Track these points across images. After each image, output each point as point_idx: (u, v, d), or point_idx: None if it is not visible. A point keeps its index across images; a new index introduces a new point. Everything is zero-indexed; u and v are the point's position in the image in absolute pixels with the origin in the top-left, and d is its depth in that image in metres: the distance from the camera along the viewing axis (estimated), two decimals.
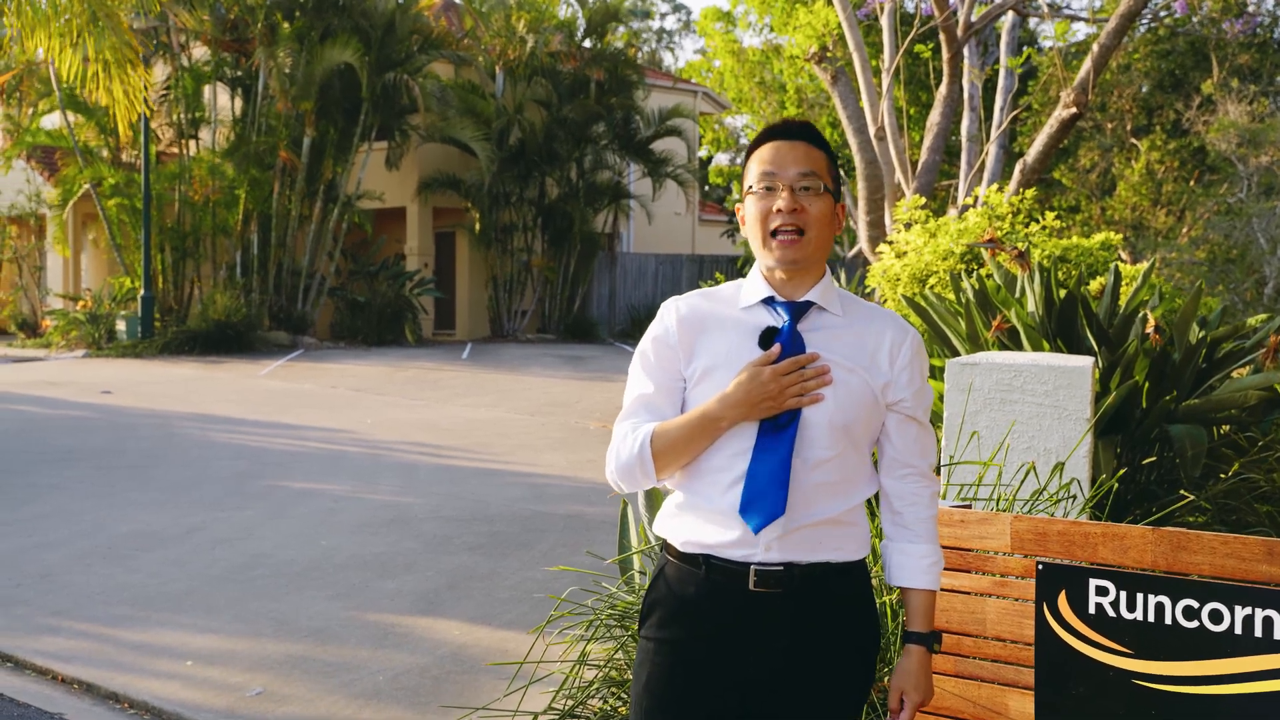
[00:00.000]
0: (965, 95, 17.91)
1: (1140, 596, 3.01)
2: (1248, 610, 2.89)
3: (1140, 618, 3.00)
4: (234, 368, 21.13)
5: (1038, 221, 10.94)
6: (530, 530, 9.20)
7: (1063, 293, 7.17)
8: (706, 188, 41.68)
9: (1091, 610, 3.07)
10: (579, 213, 28.24)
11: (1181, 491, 6.09)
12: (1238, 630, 2.90)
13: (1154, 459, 6.38)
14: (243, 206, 25.32)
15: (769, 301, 2.69)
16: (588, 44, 28.96)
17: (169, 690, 5.80)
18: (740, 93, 40.57)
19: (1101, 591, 3.06)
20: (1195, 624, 2.94)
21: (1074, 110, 13.15)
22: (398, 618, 6.94)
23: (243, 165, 25.09)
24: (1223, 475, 6.38)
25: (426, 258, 28.66)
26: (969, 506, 3.44)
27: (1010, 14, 17.85)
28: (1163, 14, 23.05)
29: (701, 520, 2.66)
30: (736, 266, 21.06)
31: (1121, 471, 4.75)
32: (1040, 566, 3.16)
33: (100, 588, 7.55)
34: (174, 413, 15.51)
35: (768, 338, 2.64)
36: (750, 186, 2.68)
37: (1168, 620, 2.97)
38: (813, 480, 2.59)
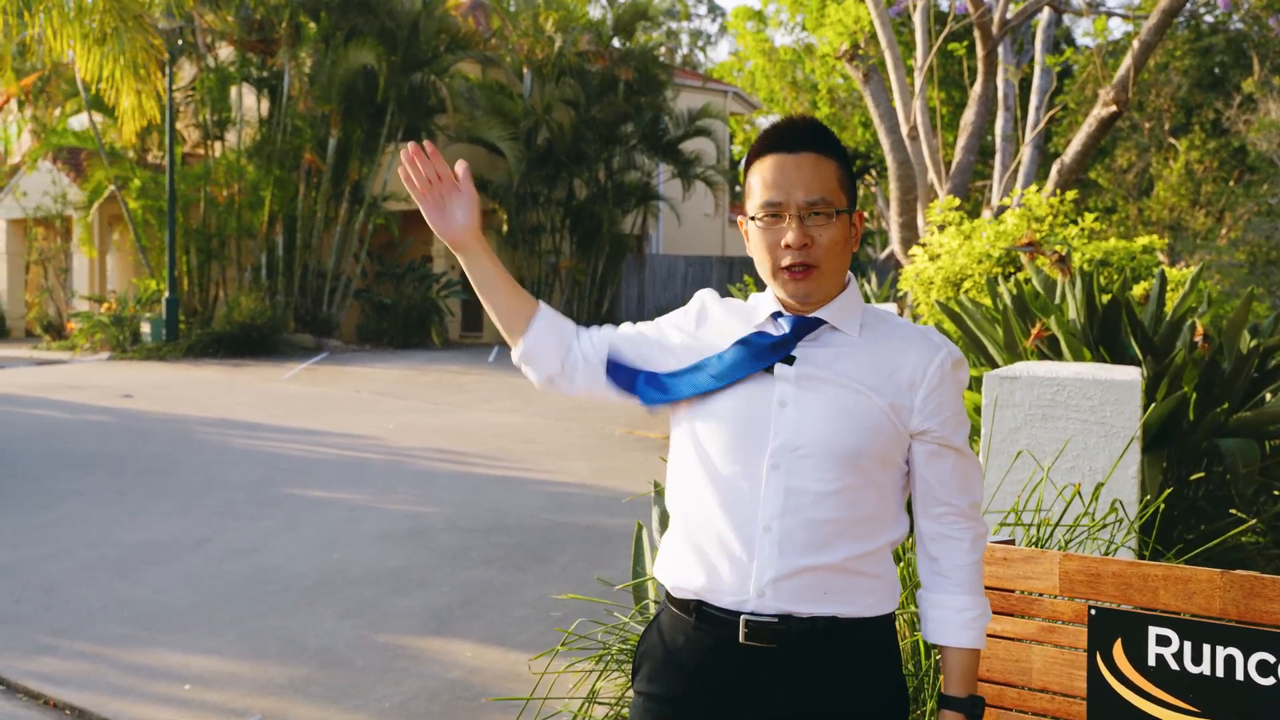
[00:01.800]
0: (1000, 94, 17.54)
1: (1207, 648, 2.68)
2: None
3: (1207, 672, 2.67)
4: (258, 371, 20.93)
5: (1076, 224, 10.59)
6: (549, 542, 8.90)
7: (1105, 298, 6.84)
8: (737, 188, 41.30)
9: (1151, 662, 2.74)
10: (607, 214, 27.95)
11: (1232, 511, 5.75)
12: None
13: (1202, 475, 6.04)
14: (268, 208, 25.14)
15: (777, 316, 2.40)
16: (616, 43, 28.66)
17: (164, 716, 5.53)
18: (771, 92, 40.25)
19: (1163, 641, 2.73)
20: (1271, 681, 2.61)
21: (1113, 109, 12.77)
22: (408, 638, 6.65)
23: (267, 166, 24.92)
24: (1277, 493, 6.04)
25: (453, 260, 28.42)
26: (1012, 542, 3.11)
27: (1046, 11, 17.47)
28: (1202, 9, 22.61)
29: (693, 559, 2.37)
30: None
31: (1168, 492, 4.40)
32: (1093, 611, 2.83)
33: (102, 603, 7.29)
34: (194, 417, 15.29)
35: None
36: (753, 216, 2.36)
37: (1239, 676, 2.64)
38: (813, 517, 2.27)
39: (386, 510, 10.03)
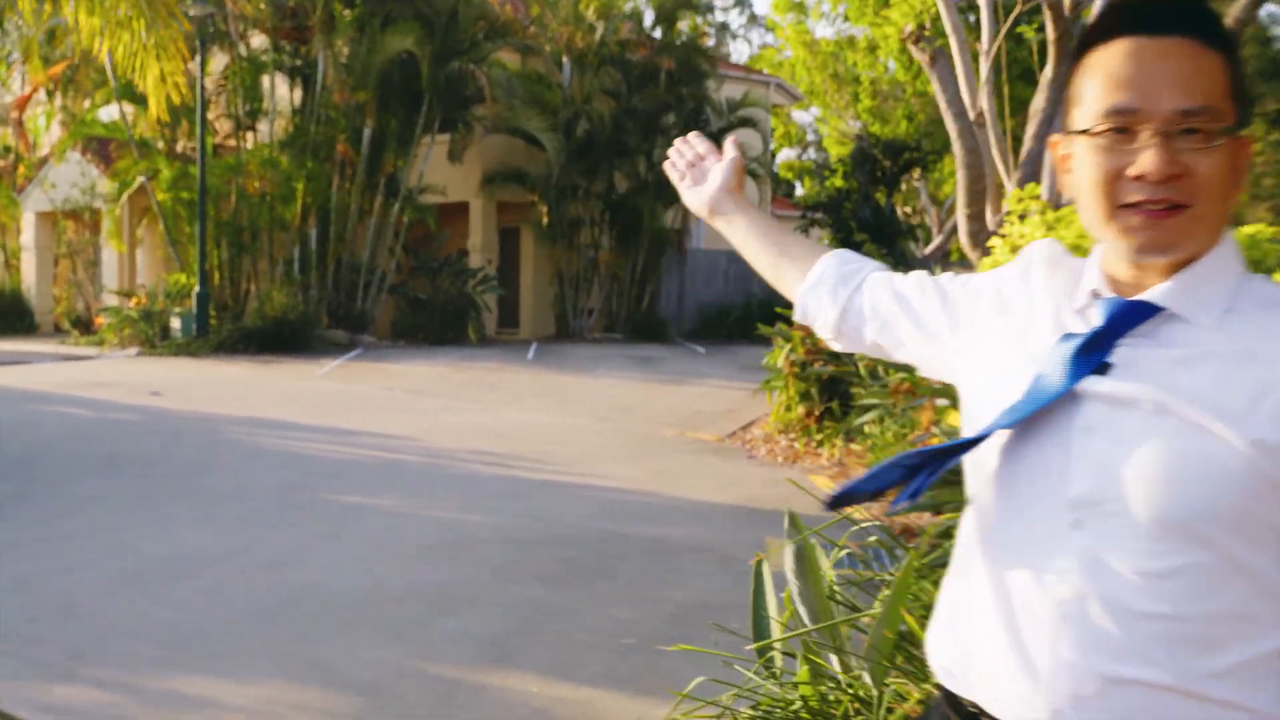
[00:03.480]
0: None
1: None
2: None
3: None
4: (290, 368, 20.30)
5: None
6: (608, 556, 8.18)
7: None
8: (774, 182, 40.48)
9: None
10: (649, 207, 27.21)
11: None
12: None
13: None
14: (301, 200, 24.50)
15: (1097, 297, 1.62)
16: (657, 33, 27.91)
17: None
18: (812, 85, 39.49)
19: None
20: None
21: None
22: (463, 668, 5.94)
23: (301, 158, 24.25)
24: None
25: (490, 254, 27.71)
26: None
27: None
28: None
29: (966, 642, 1.63)
30: None
31: None
32: None
33: (125, 623, 6.61)
34: (224, 416, 14.65)
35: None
36: (1086, 129, 1.58)
37: None
38: (1132, 607, 1.48)
39: (428, 518, 9.34)
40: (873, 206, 28.46)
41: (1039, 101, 14.88)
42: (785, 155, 49.57)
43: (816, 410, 13.13)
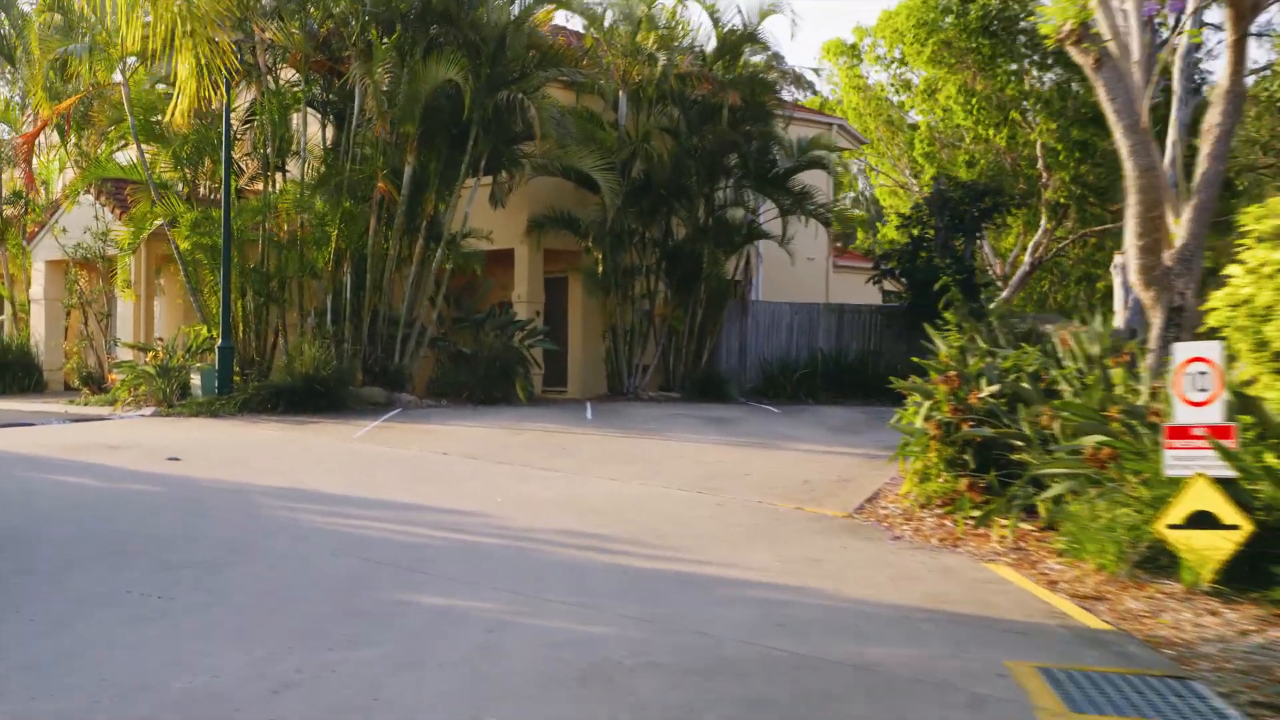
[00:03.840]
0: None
1: None
2: None
3: None
4: (324, 429, 17.98)
5: None
6: (810, 696, 5.84)
7: None
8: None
9: None
10: (709, 255, 24.88)
11: None
12: None
13: None
14: (334, 245, 22.21)
15: None
16: (717, 67, 25.68)
17: None
18: (865, 130, 37.32)
19: None
20: None
21: None
22: None
23: (334, 198, 21.97)
24: None
25: (536, 305, 25.37)
26: None
27: (1184, 38, 14.58)
28: None
29: None
30: (943, 307, 14.64)
31: None
32: None
33: None
34: (255, 486, 12.37)
35: None
36: None
37: None
38: None
39: (537, 630, 7.01)
40: (952, 254, 26.11)
41: (1214, 116, 12.67)
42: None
43: (981, 482, 10.80)
